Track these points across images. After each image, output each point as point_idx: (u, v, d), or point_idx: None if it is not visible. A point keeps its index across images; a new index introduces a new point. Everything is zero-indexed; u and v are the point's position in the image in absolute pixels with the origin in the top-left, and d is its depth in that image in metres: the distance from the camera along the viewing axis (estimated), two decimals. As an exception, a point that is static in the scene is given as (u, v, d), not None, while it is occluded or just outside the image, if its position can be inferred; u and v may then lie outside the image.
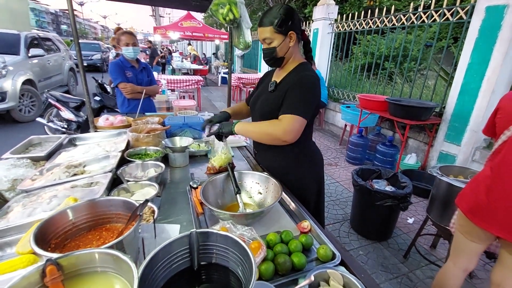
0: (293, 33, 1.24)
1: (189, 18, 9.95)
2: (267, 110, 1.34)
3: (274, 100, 1.30)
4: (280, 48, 1.25)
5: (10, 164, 1.25)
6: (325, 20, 5.78)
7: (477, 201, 1.22)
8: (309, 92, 1.22)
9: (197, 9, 2.50)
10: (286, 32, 1.22)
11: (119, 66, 2.48)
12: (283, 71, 1.36)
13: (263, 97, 1.39)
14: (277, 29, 1.20)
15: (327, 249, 0.87)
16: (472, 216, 1.25)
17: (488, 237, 1.26)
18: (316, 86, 1.25)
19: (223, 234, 0.65)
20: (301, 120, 1.18)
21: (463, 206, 1.31)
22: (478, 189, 1.23)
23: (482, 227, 1.21)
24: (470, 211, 1.26)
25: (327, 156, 4.51)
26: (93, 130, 1.89)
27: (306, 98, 1.21)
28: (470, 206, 1.26)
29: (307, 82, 1.23)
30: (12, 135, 4.71)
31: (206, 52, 19.06)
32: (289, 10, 1.21)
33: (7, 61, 5.04)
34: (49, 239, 0.69)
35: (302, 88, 1.22)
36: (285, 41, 1.24)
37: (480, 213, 1.21)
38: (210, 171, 1.43)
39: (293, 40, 1.25)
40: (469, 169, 2.07)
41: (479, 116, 3.04)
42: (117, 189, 1.11)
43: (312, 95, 1.24)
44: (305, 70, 1.29)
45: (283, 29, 1.21)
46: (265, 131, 1.24)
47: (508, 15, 2.74)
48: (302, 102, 1.20)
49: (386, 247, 2.37)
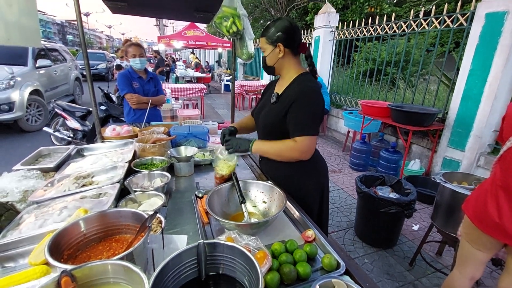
0: (280, 45, 1.29)
1: (192, 27, 10.12)
2: (269, 121, 1.38)
3: (277, 112, 1.33)
4: (270, 58, 1.34)
5: (21, 176, 1.28)
6: (326, 28, 5.85)
7: (484, 207, 1.22)
8: (314, 106, 1.26)
9: (201, 20, 2.55)
10: (274, 44, 1.30)
11: (126, 77, 2.55)
12: (284, 81, 1.40)
13: (266, 109, 1.43)
14: (267, 40, 1.31)
15: (332, 258, 0.88)
16: (479, 223, 1.25)
17: (494, 245, 1.26)
18: (319, 96, 1.28)
19: (230, 245, 0.67)
20: (314, 138, 1.26)
21: (470, 212, 1.30)
22: (485, 195, 1.23)
23: (488, 233, 1.21)
24: (476, 217, 1.26)
25: (331, 163, 4.52)
26: (100, 140, 1.92)
27: (313, 114, 1.26)
28: (477, 212, 1.26)
29: (310, 95, 1.26)
30: (19, 145, 4.79)
31: (209, 60, 19.29)
32: (283, 24, 1.28)
33: (15, 72, 5.16)
34: (62, 250, 0.72)
35: (307, 103, 1.25)
36: (274, 52, 1.31)
37: (487, 219, 1.21)
38: (219, 181, 1.43)
39: (281, 52, 1.30)
40: (473, 175, 2.07)
41: (482, 121, 3.04)
42: (124, 200, 1.13)
43: (318, 109, 1.28)
44: (305, 80, 1.32)
45: (271, 41, 1.30)
46: (283, 154, 1.32)
47: (508, 21, 2.76)
48: (311, 120, 1.25)
49: (391, 255, 2.35)
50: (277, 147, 1.32)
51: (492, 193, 1.18)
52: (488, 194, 1.20)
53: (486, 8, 2.93)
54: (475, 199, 1.28)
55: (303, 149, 1.25)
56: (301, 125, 1.25)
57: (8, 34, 1.06)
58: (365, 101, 4.29)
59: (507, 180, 1.14)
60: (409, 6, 10.95)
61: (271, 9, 12.89)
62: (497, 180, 1.18)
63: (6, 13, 1.06)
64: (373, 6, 10.47)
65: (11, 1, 1.10)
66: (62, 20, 59.12)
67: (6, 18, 1.06)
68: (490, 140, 3.12)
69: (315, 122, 1.27)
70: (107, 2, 2.11)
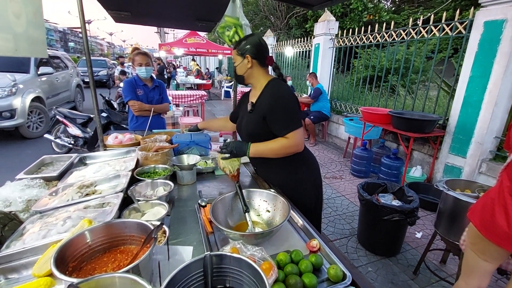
0: (249, 57, 1.40)
1: (193, 35, 10.23)
2: (251, 130, 1.48)
3: (255, 120, 1.43)
4: (239, 68, 1.44)
5: (24, 185, 1.28)
6: (326, 36, 5.92)
7: (492, 216, 1.20)
8: (289, 102, 1.36)
9: (203, 29, 2.59)
10: (243, 55, 1.40)
11: (131, 84, 2.58)
12: (256, 91, 1.49)
13: (245, 119, 1.53)
14: (237, 52, 1.43)
15: (338, 269, 0.88)
16: (486, 232, 1.23)
17: (501, 255, 1.24)
18: (289, 92, 1.39)
19: (237, 257, 0.66)
20: (300, 130, 1.37)
21: (476, 222, 1.29)
22: (492, 204, 1.22)
23: (496, 243, 1.19)
24: (483, 227, 1.25)
25: (331, 169, 4.51)
26: (103, 148, 1.93)
27: (292, 109, 1.36)
28: (484, 222, 1.25)
29: (283, 95, 1.37)
30: (20, 151, 4.79)
31: (209, 67, 19.44)
32: (252, 38, 1.42)
33: (17, 79, 5.20)
34: (67, 262, 0.71)
35: (283, 102, 1.36)
36: (243, 63, 1.42)
37: (495, 228, 1.20)
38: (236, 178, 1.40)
39: (250, 63, 1.40)
40: (476, 182, 2.06)
41: (483, 128, 3.05)
42: (128, 209, 1.13)
43: (293, 103, 1.37)
44: (274, 85, 1.42)
45: (241, 52, 1.41)
46: (279, 152, 1.40)
47: (507, 29, 2.79)
48: (292, 116, 1.36)
49: (395, 263, 2.33)
50: (272, 146, 1.39)
51: (499, 202, 1.17)
52: (496, 203, 1.19)
53: (485, 16, 2.97)
54: (482, 208, 1.27)
55: (296, 143, 1.36)
56: (286, 123, 1.35)
57: (16, 45, 1.08)
58: (366, 108, 4.30)
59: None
60: (407, 13, 11.10)
61: (271, 16, 13.06)
62: (505, 188, 1.17)
63: (15, 25, 1.08)
64: (371, 14, 10.61)
65: (19, 13, 1.11)
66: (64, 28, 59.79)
67: (14, 29, 1.07)
68: (491, 146, 3.12)
69: (296, 115, 1.37)
70: (110, 12, 2.14)
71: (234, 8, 1.76)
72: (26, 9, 1.18)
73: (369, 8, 10.50)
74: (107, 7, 2.07)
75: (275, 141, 1.38)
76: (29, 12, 1.17)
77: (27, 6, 1.19)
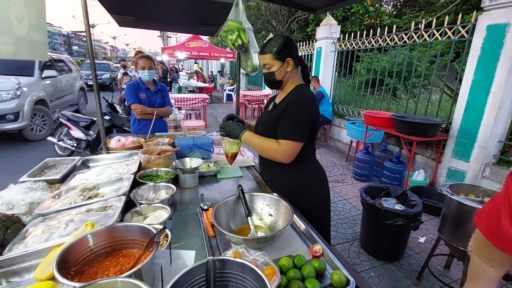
0: (290, 60, 1.38)
1: (195, 39, 10.29)
2: (265, 127, 1.48)
3: (272, 119, 1.43)
4: (279, 73, 1.40)
5: (27, 188, 1.28)
6: (328, 40, 5.94)
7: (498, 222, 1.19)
8: (301, 113, 1.33)
9: (206, 33, 2.60)
10: (284, 59, 1.37)
11: (133, 88, 2.60)
12: (283, 93, 1.49)
13: (264, 117, 1.55)
14: (274, 56, 1.37)
15: (341, 274, 0.87)
16: (492, 238, 1.21)
17: (507, 262, 1.22)
18: (309, 104, 1.36)
19: (240, 262, 0.66)
20: (296, 144, 1.33)
21: (482, 227, 1.27)
22: (499, 209, 1.20)
23: (503, 249, 1.17)
24: (489, 232, 1.23)
25: (334, 173, 4.49)
26: (105, 151, 1.93)
27: (299, 120, 1.33)
28: (490, 227, 1.23)
29: (301, 103, 1.34)
30: (23, 154, 4.82)
31: (212, 70, 19.53)
32: (286, 40, 1.38)
33: (21, 82, 5.24)
34: (70, 266, 0.71)
35: (295, 110, 1.34)
36: (283, 67, 1.39)
37: (501, 234, 1.18)
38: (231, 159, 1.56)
39: (290, 66, 1.39)
40: (480, 187, 2.04)
41: (486, 132, 3.03)
42: (130, 213, 1.13)
43: (305, 116, 1.34)
44: (300, 91, 1.41)
45: (280, 56, 1.37)
46: (267, 152, 1.41)
47: (509, 33, 2.79)
48: (296, 126, 1.33)
49: (398, 268, 2.31)
50: (262, 144, 1.40)
51: (505, 208, 1.16)
52: (502, 208, 1.17)
53: (488, 20, 2.97)
54: (488, 213, 1.25)
55: (284, 153, 1.34)
56: (286, 129, 1.34)
57: (17, 48, 1.08)
58: (368, 111, 4.30)
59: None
60: (409, 17, 11.12)
61: (272, 20, 13.12)
62: (511, 194, 1.16)
63: (16, 28, 1.08)
64: (372, 18, 10.64)
65: (21, 16, 1.12)
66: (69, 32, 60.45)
67: (16, 33, 1.08)
68: (495, 150, 3.10)
69: (302, 129, 1.34)
70: (114, 16, 2.16)
71: (237, 12, 1.76)
72: (28, 12, 1.19)
73: (370, 12, 10.53)
74: (111, 11, 2.09)
75: (268, 140, 1.39)
76: (31, 16, 1.18)
77: (29, 9, 1.20)
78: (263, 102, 8.91)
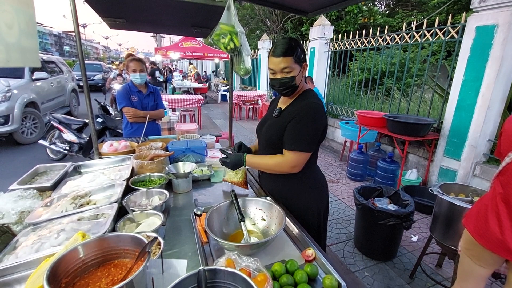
0: (306, 64, 1.34)
1: (189, 39, 10.25)
2: (271, 135, 1.41)
3: (278, 127, 1.36)
4: (298, 78, 1.31)
5: (17, 196, 1.27)
6: (322, 40, 5.96)
7: (485, 223, 1.21)
8: (312, 123, 1.28)
9: (199, 35, 2.60)
10: (302, 63, 1.30)
11: (125, 91, 2.57)
12: (288, 98, 1.43)
13: (268, 123, 1.46)
14: (296, 59, 1.26)
15: (333, 279, 0.88)
16: (480, 238, 1.24)
17: (496, 261, 1.25)
18: (320, 113, 1.31)
19: (231, 271, 0.66)
20: (304, 154, 1.30)
21: (471, 228, 1.30)
22: (486, 210, 1.22)
23: (491, 249, 1.20)
24: (477, 233, 1.25)
25: (328, 173, 4.52)
26: (97, 156, 1.91)
27: (309, 131, 1.28)
28: (478, 228, 1.26)
29: (310, 112, 1.29)
30: (14, 158, 4.74)
31: (206, 70, 19.46)
32: (300, 44, 1.29)
33: (11, 85, 5.16)
34: (60, 278, 0.70)
35: (305, 119, 1.28)
36: (301, 72, 1.32)
37: (489, 235, 1.20)
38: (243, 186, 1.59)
39: (305, 70, 1.35)
40: (470, 186, 2.08)
41: (476, 131, 3.08)
42: (122, 220, 1.12)
43: (315, 126, 1.29)
44: (308, 97, 1.36)
45: (299, 60, 1.28)
46: (273, 168, 1.37)
47: (498, 34, 2.84)
48: (305, 136, 1.28)
49: (391, 267, 2.34)
50: (266, 162, 1.38)
51: (492, 209, 1.18)
52: (489, 209, 1.20)
53: (477, 21, 3.01)
54: (476, 214, 1.28)
55: (291, 164, 1.30)
56: (294, 140, 1.29)
57: (8, 56, 1.07)
58: (361, 112, 4.33)
59: (508, 194, 1.14)
60: (401, 17, 11.23)
61: (267, 20, 13.12)
62: (497, 195, 1.18)
63: (7, 36, 1.07)
64: (366, 17, 10.73)
65: (12, 23, 1.11)
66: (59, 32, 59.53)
67: (6, 40, 1.07)
68: (485, 149, 3.16)
69: (310, 139, 1.29)
70: (105, 19, 2.14)
71: (229, 16, 1.76)
72: (18, 19, 1.17)
73: (364, 11, 10.62)
74: (102, 14, 2.07)
75: (271, 157, 1.37)
76: (21, 22, 1.16)
77: (19, 15, 1.18)
78: (257, 103, 8.92)
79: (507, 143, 1.22)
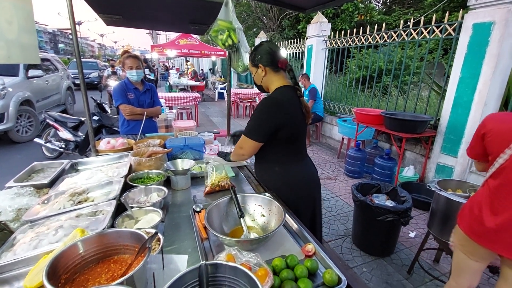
0: (261, 66, 1.44)
1: (185, 36, 10.18)
2: None
3: None
4: (256, 78, 1.51)
5: (14, 193, 1.25)
6: (319, 37, 5.96)
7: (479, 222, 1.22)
8: (259, 113, 1.40)
9: (196, 32, 2.58)
10: (257, 65, 1.46)
11: (121, 88, 2.54)
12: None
13: None
14: (252, 63, 1.49)
15: (333, 273, 0.88)
16: (474, 236, 1.25)
17: (490, 255, 1.27)
18: (269, 106, 1.38)
19: (232, 265, 0.66)
20: (251, 142, 1.41)
21: (465, 227, 1.31)
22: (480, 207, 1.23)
23: (485, 246, 1.21)
24: (472, 232, 1.27)
25: (326, 170, 4.54)
26: (95, 154, 1.90)
27: (255, 120, 1.41)
28: (472, 227, 1.27)
29: (259, 105, 1.42)
30: (10, 156, 4.69)
31: (203, 68, 19.38)
32: (259, 47, 1.45)
33: (6, 83, 5.09)
34: (60, 274, 0.70)
35: (256, 110, 1.42)
36: (258, 73, 1.47)
37: (482, 233, 1.22)
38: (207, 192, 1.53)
39: (263, 71, 1.44)
40: (467, 182, 2.10)
41: (473, 128, 3.10)
42: (121, 217, 1.11)
43: (264, 119, 1.39)
44: (270, 95, 1.45)
45: (254, 63, 1.47)
46: (233, 151, 1.57)
47: (494, 31, 2.85)
48: (252, 125, 1.42)
49: (389, 263, 2.36)
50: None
51: (486, 206, 1.19)
52: (483, 206, 1.21)
53: (473, 19, 3.03)
54: (469, 212, 1.29)
55: (238, 145, 1.48)
56: (247, 127, 1.44)
57: (9, 52, 1.06)
58: (359, 109, 4.35)
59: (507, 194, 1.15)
60: (398, 15, 11.25)
61: (263, 17, 13.09)
62: (491, 189, 1.19)
63: (6, 32, 1.06)
64: (362, 14, 10.73)
65: (11, 20, 1.09)
66: (54, 29, 58.88)
67: (6, 36, 1.06)
68: (481, 146, 3.18)
69: (258, 130, 1.40)
70: (102, 15, 2.12)
71: (227, 12, 1.75)
72: (17, 15, 1.16)
73: (360, 8, 10.62)
74: (98, 10, 2.04)
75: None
76: (20, 18, 1.15)
77: (18, 12, 1.17)
78: (254, 100, 8.90)
79: (496, 143, 1.21)
